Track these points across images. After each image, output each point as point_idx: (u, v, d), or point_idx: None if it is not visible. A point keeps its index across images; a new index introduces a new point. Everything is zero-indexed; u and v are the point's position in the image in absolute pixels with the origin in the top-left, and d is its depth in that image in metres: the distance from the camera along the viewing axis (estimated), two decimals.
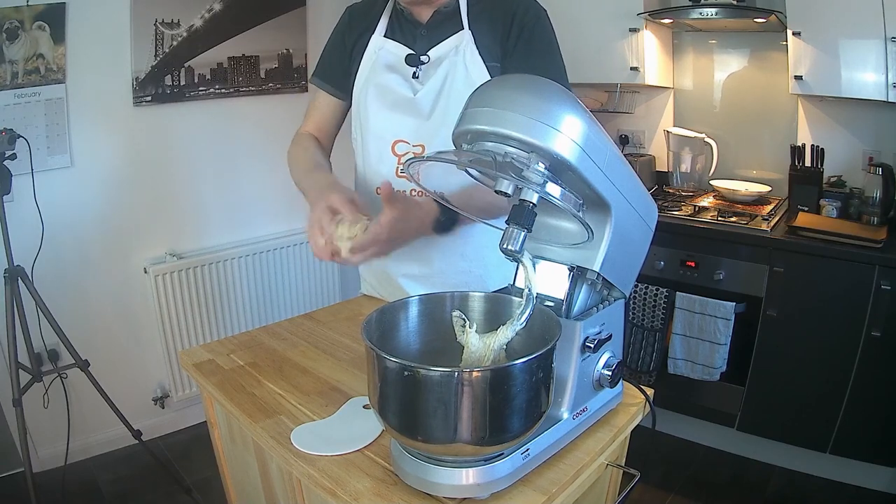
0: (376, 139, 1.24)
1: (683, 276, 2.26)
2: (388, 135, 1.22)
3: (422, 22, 1.20)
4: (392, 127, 1.22)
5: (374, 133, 1.24)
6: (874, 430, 2.02)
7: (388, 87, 1.21)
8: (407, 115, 1.20)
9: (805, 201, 2.28)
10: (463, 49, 1.16)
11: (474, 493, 0.72)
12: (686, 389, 2.31)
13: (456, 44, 1.17)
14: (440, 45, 1.18)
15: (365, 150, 1.28)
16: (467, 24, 1.17)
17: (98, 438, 2.37)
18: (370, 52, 1.23)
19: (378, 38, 1.22)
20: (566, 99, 0.71)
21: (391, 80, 1.21)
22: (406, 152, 1.21)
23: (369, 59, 1.23)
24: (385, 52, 1.22)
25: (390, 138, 1.22)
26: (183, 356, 1.12)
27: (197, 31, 2.37)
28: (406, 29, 1.22)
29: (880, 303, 1.91)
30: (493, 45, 1.16)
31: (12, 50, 1.97)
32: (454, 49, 1.17)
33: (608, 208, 0.77)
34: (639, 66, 2.46)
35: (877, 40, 1.95)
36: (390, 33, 1.22)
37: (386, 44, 1.22)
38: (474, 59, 1.16)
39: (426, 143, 1.19)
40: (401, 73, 1.21)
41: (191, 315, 2.48)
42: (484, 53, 1.16)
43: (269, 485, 1.00)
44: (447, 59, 1.17)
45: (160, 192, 2.43)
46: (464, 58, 1.16)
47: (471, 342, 0.79)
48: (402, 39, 1.21)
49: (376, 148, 1.24)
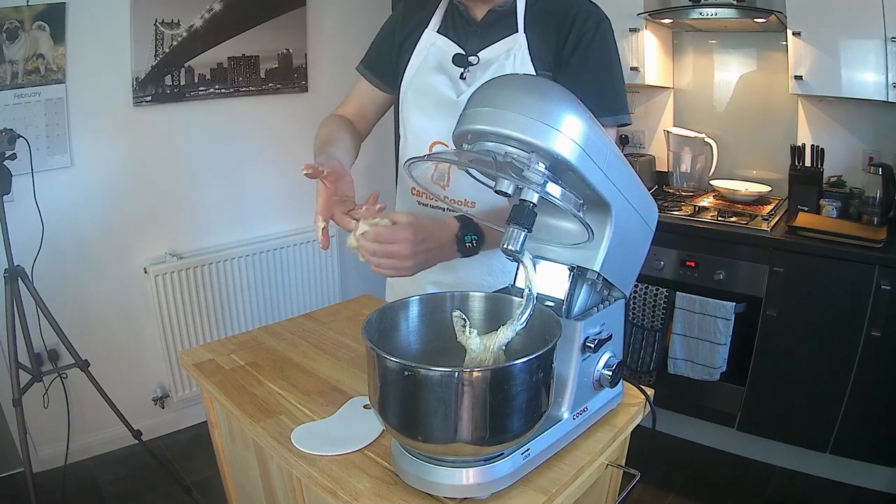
0: (416, 138, 1.22)
1: (683, 276, 2.26)
2: (426, 135, 1.19)
3: (476, 19, 1.15)
4: (432, 128, 1.18)
5: (414, 132, 1.22)
6: (874, 430, 2.02)
7: (432, 86, 1.17)
8: (448, 117, 1.14)
9: (805, 201, 2.28)
10: (514, 53, 1.11)
11: (474, 493, 0.72)
12: (686, 389, 2.31)
13: (508, 47, 1.12)
14: (492, 48, 1.13)
15: (405, 148, 1.26)
16: (522, 28, 1.11)
17: (98, 438, 2.36)
18: (420, 49, 1.19)
19: (430, 34, 1.19)
20: (567, 99, 0.71)
21: (437, 80, 1.17)
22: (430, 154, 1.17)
23: (419, 56, 1.19)
24: (436, 48, 1.18)
25: (429, 139, 1.19)
26: (183, 356, 1.12)
27: (197, 31, 2.37)
28: (459, 25, 1.17)
29: (880, 303, 1.91)
30: (547, 52, 1.10)
31: (12, 50, 1.97)
32: (505, 52, 1.12)
33: (608, 208, 0.78)
34: (639, 66, 2.46)
35: (877, 40, 1.95)
36: (443, 29, 1.18)
37: (438, 40, 1.18)
38: (525, 65, 1.10)
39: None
40: (447, 74, 1.17)
41: (191, 315, 2.48)
42: (536, 60, 1.10)
43: (270, 485, 1.00)
44: (496, 63, 1.12)
45: (160, 193, 2.42)
46: (514, 62, 1.10)
47: (471, 343, 0.79)
48: (455, 37, 1.17)
49: (415, 147, 1.22)
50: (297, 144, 2.60)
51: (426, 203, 1.23)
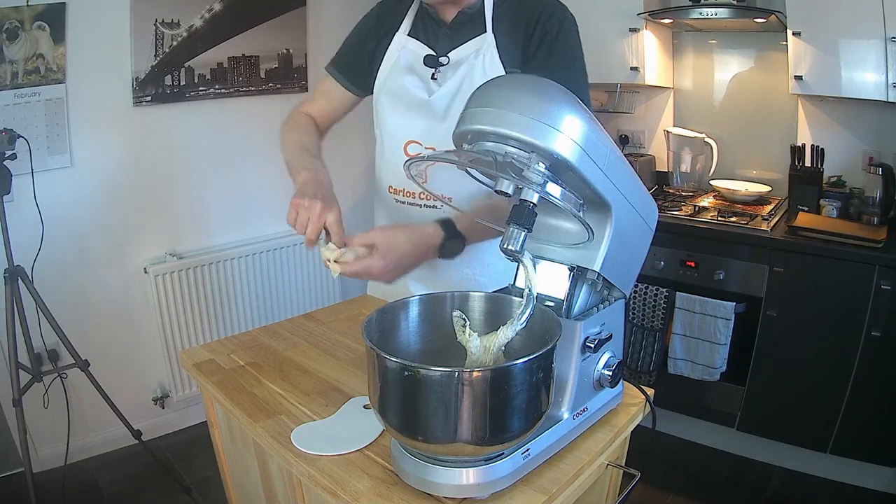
0: (391, 139, 1.25)
1: (683, 276, 2.26)
2: (401, 135, 1.22)
3: (446, 21, 1.19)
4: (406, 128, 1.21)
5: (389, 133, 1.25)
6: (874, 430, 2.02)
7: (404, 87, 1.20)
8: (421, 117, 1.19)
9: (805, 201, 2.28)
10: (483, 52, 1.14)
11: (474, 493, 0.72)
12: (686, 389, 2.31)
13: (477, 47, 1.15)
14: (461, 48, 1.17)
15: (381, 149, 1.29)
16: (490, 27, 1.14)
17: (98, 438, 2.37)
18: (392, 51, 1.22)
19: (401, 37, 1.22)
20: (566, 99, 0.71)
21: (409, 81, 1.20)
22: (418, 153, 1.21)
23: (391, 59, 1.23)
24: (406, 51, 1.21)
25: (403, 139, 1.22)
26: (183, 356, 1.12)
27: (197, 31, 2.37)
28: (430, 27, 1.20)
29: (880, 303, 1.91)
30: (515, 49, 1.14)
31: (12, 50, 1.97)
32: (474, 52, 1.15)
33: (608, 208, 0.77)
34: (639, 66, 2.46)
35: (877, 40, 1.95)
36: (414, 32, 1.22)
37: (408, 42, 1.21)
38: (493, 64, 1.14)
39: (438, 146, 1.18)
40: (419, 75, 1.20)
41: (191, 315, 2.48)
42: (504, 58, 1.13)
43: (270, 485, 1.00)
44: (466, 62, 1.15)
45: (160, 192, 2.42)
46: (483, 61, 1.14)
47: (471, 343, 0.79)
48: (425, 38, 1.20)
49: (390, 147, 1.25)
50: None
51: (403, 201, 1.25)
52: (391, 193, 1.27)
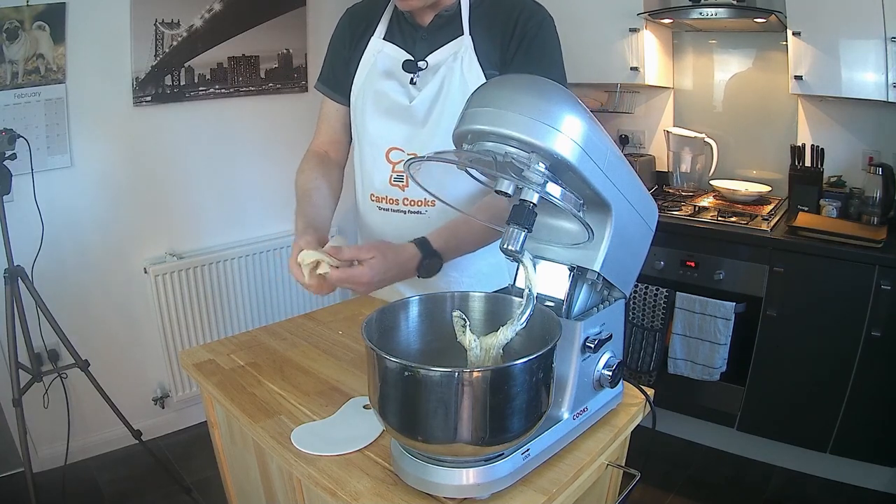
0: (371, 146, 1.24)
1: (683, 276, 2.26)
2: (382, 142, 1.22)
3: (423, 25, 1.18)
4: (387, 134, 1.21)
5: (369, 140, 1.24)
6: (874, 430, 2.02)
7: (383, 93, 1.19)
8: (402, 123, 1.19)
9: (805, 201, 2.28)
10: (461, 55, 1.14)
11: (474, 493, 0.72)
12: (686, 389, 2.31)
13: (455, 50, 1.15)
14: (439, 51, 1.16)
15: (361, 156, 1.27)
16: (468, 30, 1.14)
17: (98, 438, 2.37)
18: (368, 56, 1.21)
19: (377, 41, 1.21)
20: (566, 99, 0.71)
21: (387, 86, 1.19)
22: (400, 160, 1.21)
23: (367, 63, 1.22)
24: (383, 55, 1.20)
25: (384, 145, 1.21)
26: (183, 356, 1.12)
27: (197, 31, 2.37)
28: (406, 32, 1.20)
29: (880, 303, 1.91)
30: (493, 51, 1.14)
31: (12, 50, 1.97)
32: (452, 55, 1.15)
33: (608, 208, 0.77)
34: (639, 66, 2.46)
35: (877, 40, 1.95)
36: (389, 36, 1.21)
37: (385, 47, 1.20)
38: (472, 66, 1.13)
39: (419, 152, 1.18)
40: (398, 80, 1.19)
41: (191, 315, 2.48)
42: (483, 60, 1.13)
43: (269, 485, 1.00)
44: (444, 66, 1.15)
45: (160, 192, 2.42)
46: (461, 64, 1.14)
47: (471, 343, 0.79)
48: (402, 43, 1.20)
49: (371, 154, 1.24)
50: (297, 144, 2.57)
51: (387, 208, 1.24)
52: (373, 201, 1.26)
